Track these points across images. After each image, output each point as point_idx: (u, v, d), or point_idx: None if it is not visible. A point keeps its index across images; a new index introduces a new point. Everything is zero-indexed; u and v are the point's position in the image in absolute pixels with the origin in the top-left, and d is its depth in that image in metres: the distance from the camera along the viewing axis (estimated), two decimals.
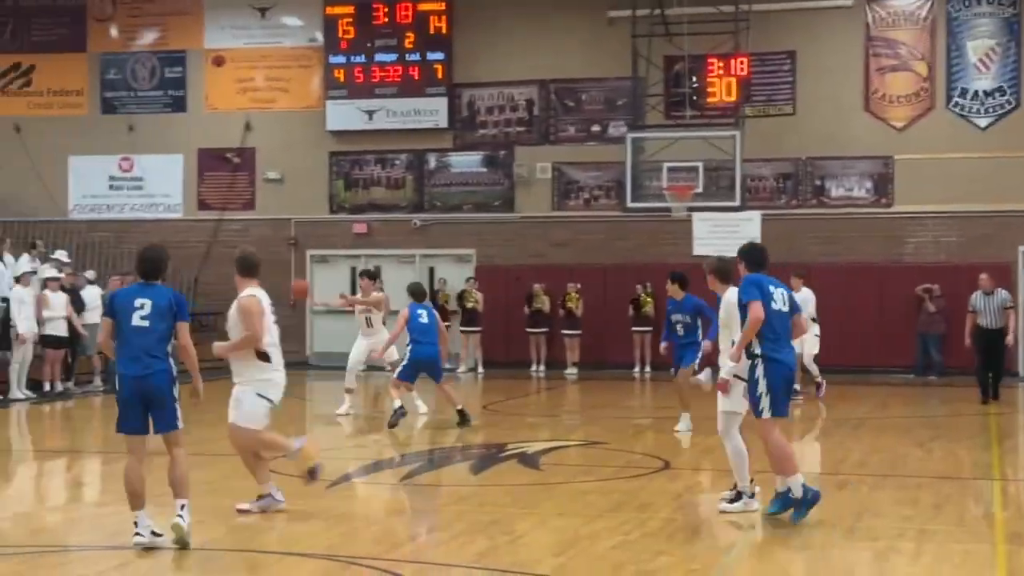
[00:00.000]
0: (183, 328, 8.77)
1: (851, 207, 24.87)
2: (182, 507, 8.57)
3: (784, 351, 9.36)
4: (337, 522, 9.61)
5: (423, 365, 15.98)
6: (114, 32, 27.80)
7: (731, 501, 9.81)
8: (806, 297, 18.41)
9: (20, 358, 19.62)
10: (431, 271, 26.50)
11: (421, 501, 10.99)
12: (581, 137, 26.22)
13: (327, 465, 12.63)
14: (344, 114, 26.78)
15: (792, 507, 9.30)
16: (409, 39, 26.45)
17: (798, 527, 9.30)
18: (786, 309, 9.43)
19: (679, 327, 14.72)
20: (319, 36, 27.01)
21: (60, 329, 20.49)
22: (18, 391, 19.52)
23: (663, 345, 15.37)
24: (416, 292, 16.55)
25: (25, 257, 21.82)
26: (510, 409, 18.35)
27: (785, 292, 9.51)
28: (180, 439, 8.82)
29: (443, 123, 26.49)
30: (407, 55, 26.48)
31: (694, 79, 24.44)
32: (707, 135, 23.89)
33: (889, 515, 10.07)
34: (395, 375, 16.19)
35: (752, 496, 9.80)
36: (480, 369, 24.96)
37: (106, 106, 27.97)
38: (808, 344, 18.49)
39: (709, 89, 24.04)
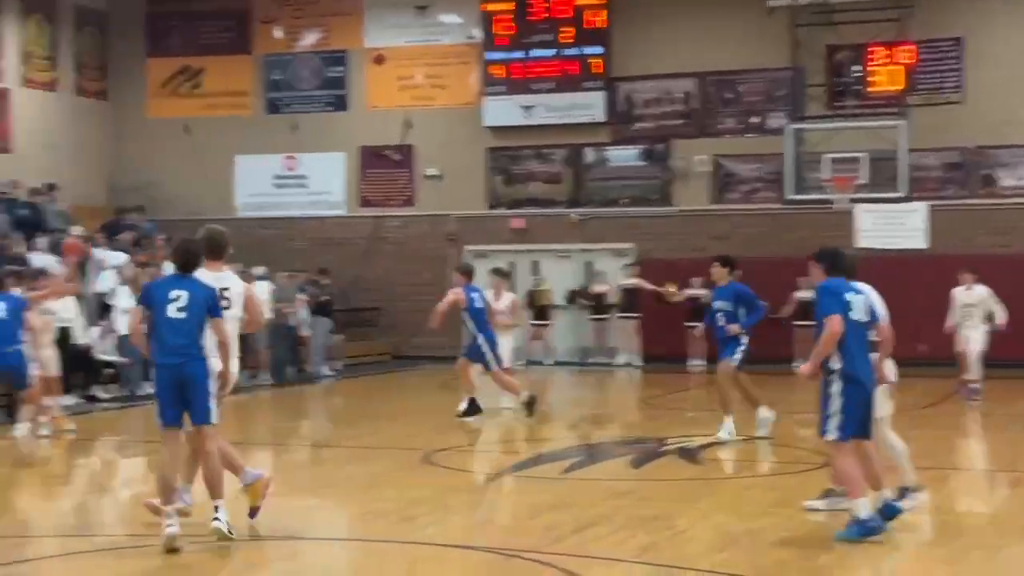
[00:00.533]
0: (218, 324, 8.57)
1: (1023, 197, 24.08)
2: (217, 508, 8.41)
3: (861, 367, 8.59)
4: (499, 516, 9.68)
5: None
6: (278, 34, 28.42)
7: (820, 497, 9.55)
8: (981, 295, 17.80)
9: None
10: (588, 265, 26.50)
11: (582, 495, 10.99)
12: (740, 129, 25.91)
13: (489, 458, 12.75)
14: (502, 110, 26.92)
15: (866, 531, 8.53)
16: (566, 34, 26.45)
17: (967, 527, 9.05)
18: (866, 319, 8.72)
19: (720, 316, 14.26)
20: (477, 33, 27.20)
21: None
22: None
23: (699, 328, 15.17)
24: (468, 272, 16.54)
25: None
26: (669, 403, 18.26)
27: (866, 300, 8.82)
28: (214, 435, 8.60)
29: (600, 117, 26.44)
30: (564, 50, 26.49)
31: (856, 68, 23.97)
32: (870, 125, 23.39)
33: None
34: (493, 365, 16.09)
35: (917, 491, 9.52)
36: (638, 362, 24.89)
37: (271, 106, 28.61)
38: (974, 341, 17.88)
39: (872, 78, 23.57)
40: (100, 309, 19.86)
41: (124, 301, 19.00)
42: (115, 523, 10.13)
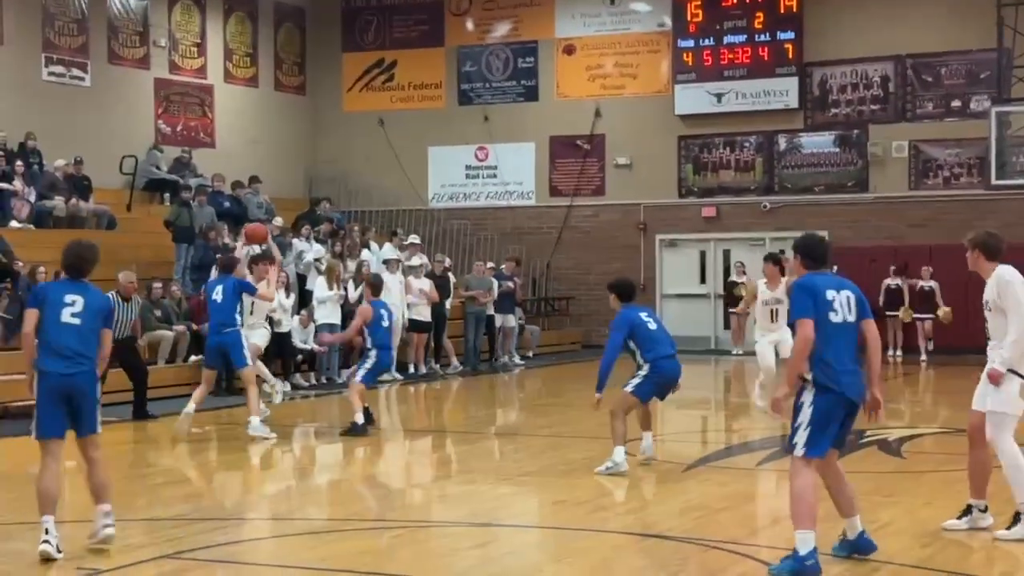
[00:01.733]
0: (107, 335, 8.14)
1: None
2: (107, 514, 7.97)
3: (843, 375, 7.28)
4: (694, 506, 9.62)
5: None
6: (470, 26, 28.75)
7: (1009, 527, 8.25)
8: None
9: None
10: (781, 253, 26.03)
11: (777, 487, 10.84)
12: (940, 113, 25.17)
13: (685, 450, 12.69)
14: (693, 98, 26.70)
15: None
16: (759, 19, 26.09)
17: None
18: (852, 318, 7.40)
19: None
20: (668, 20, 27.03)
21: (424, 314, 21.37)
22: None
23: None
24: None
25: (388, 246, 22.90)
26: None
27: (851, 295, 7.46)
28: (99, 443, 8.13)
29: (793, 103, 26.01)
30: (756, 36, 26.13)
31: None
32: None
33: None
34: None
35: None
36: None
37: (463, 98, 28.96)
38: None
39: None
40: (299, 299, 20.39)
41: (319, 291, 19.50)
42: (316, 508, 10.41)
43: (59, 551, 7.69)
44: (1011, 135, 23.11)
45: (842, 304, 7.38)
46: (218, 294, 13.96)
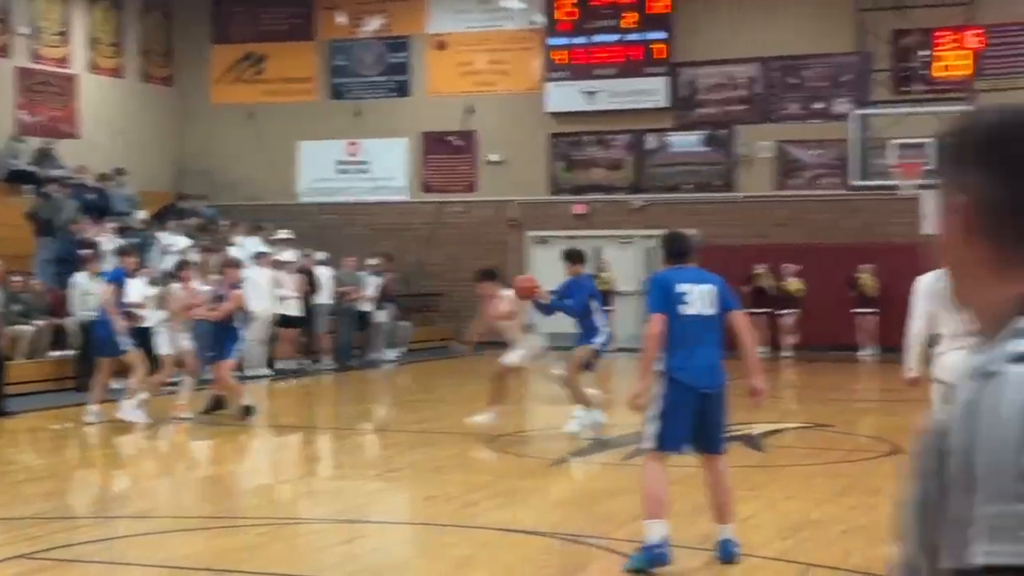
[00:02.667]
0: None
1: None
2: None
3: (691, 366, 7.35)
4: (562, 501, 9.71)
5: None
6: (341, 20, 28.56)
7: None
8: None
9: (253, 336, 20.35)
10: (649, 252, 26.42)
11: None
12: (804, 115, 25.72)
13: (552, 443, 12.78)
14: (564, 96, 26.88)
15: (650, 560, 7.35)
16: (629, 19, 26.36)
17: None
18: (709, 311, 7.47)
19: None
20: (540, 18, 27.17)
21: (294, 309, 21.20)
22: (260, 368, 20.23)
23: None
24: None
25: (256, 239, 22.67)
26: (733, 390, 18.16)
27: (713, 288, 7.55)
28: None
29: (663, 103, 26.35)
30: (627, 35, 26.41)
31: (923, 53, 23.69)
32: (937, 111, 23.06)
33: None
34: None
35: None
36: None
37: (334, 92, 28.75)
38: None
39: (938, 63, 23.28)
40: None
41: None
42: (182, 504, 10.27)
43: None
44: (871, 137, 23.71)
45: (697, 297, 7.43)
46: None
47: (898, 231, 23.96)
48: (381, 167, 28.42)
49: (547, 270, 27.39)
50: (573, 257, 13.68)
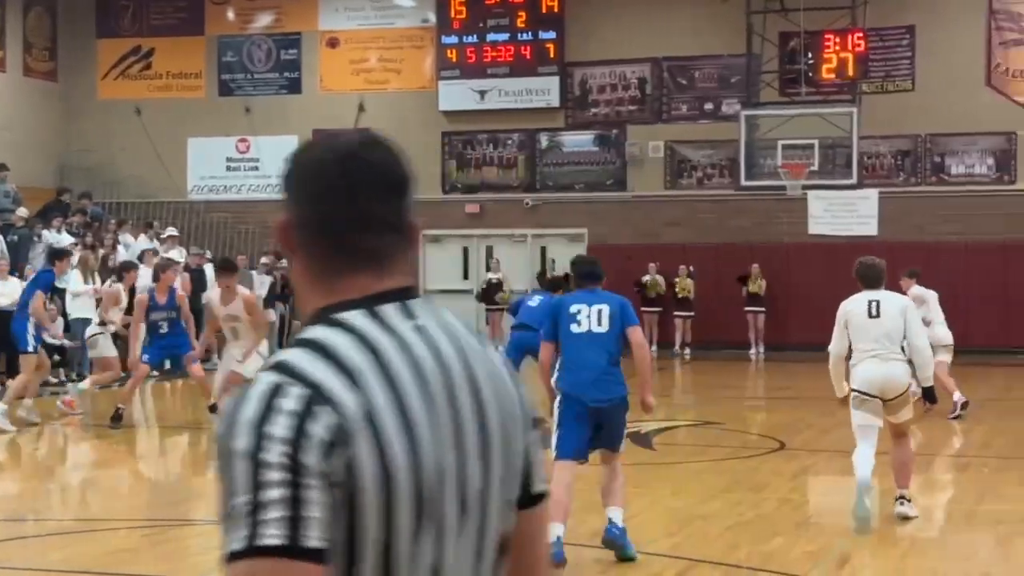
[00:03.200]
0: None
1: (972, 184, 24.31)
2: None
3: (581, 382, 7.67)
4: None
5: None
6: (231, 15, 28.20)
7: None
8: (921, 296, 14.50)
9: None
10: (543, 251, 26.52)
11: None
12: (694, 115, 25.99)
13: None
14: (456, 94, 26.86)
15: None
16: (521, 18, 26.42)
17: (917, 505, 9.14)
18: (600, 329, 7.75)
19: None
20: (432, 17, 27.10)
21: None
22: None
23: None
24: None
25: (143, 237, 22.29)
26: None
27: (607, 307, 7.79)
28: None
29: (555, 102, 26.44)
30: (519, 34, 26.46)
31: (810, 55, 24.07)
32: (823, 112, 23.50)
33: (1013, 498, 9.85)
34: None
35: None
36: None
37: (223, 88, 28.39)
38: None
39: (825, 65, 23.65)
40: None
41: (73, 285, 18.81)
42: (64, 507, 10.04)
43: None
44: (760, 138, 24.03)
45: (589, 316, 7.73)
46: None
47: (786, 230, 24.34)
48: (272, 165, 28.09)
49: (440, 269, 27.42)
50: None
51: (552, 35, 26.28)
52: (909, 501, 8.79)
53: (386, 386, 1.69)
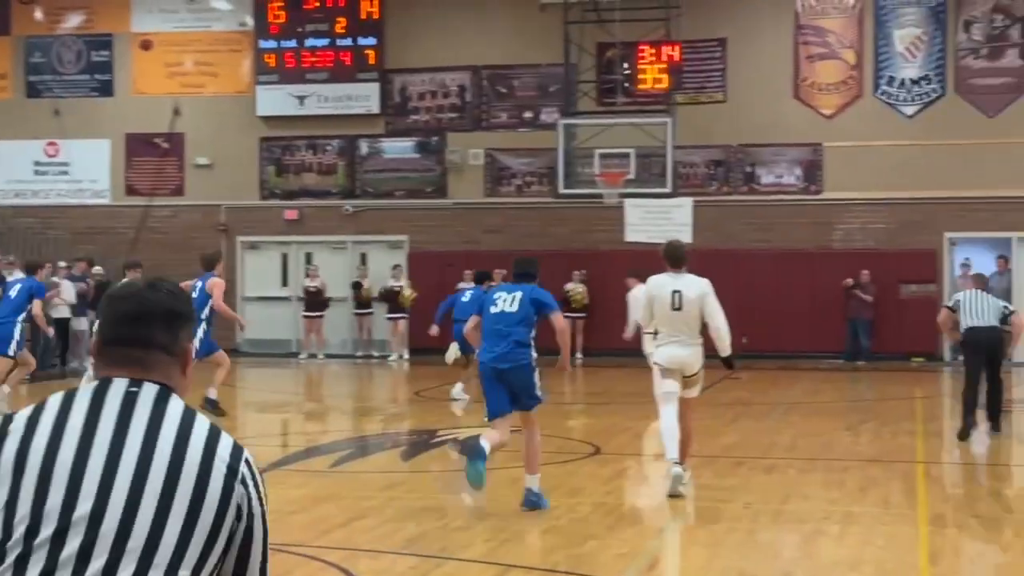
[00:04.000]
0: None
1: (781, 194, 25.07)
2: None
3: (486, 351, 9.51)
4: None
5: None
6: (39, 15, 27.34)
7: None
8: (638, 297, 13.97)
9: None
10: (363, 257, 26.39)
11: (351, 488, 10.93)
12: (513, 123, 26.20)
13: (260, 453, 12.52)
14: (275, 99, 26.55)
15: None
16: (340, 24, 26.27)
17: (725, 511, 9.37)
18: (511, 309, 9.52)
19: None
20: (249, 20, 26.74)
21: None
22: None
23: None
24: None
25: None
26: (442, 395, 18.31)
27: (520, 294, 9.57)
28: None
29: (375, 109, 26.35)
30: (338, 40, 26.30)
31: (626, 66, 24.48)
32: (639, 122, 23.93)
33: (816, 498, 10.18)
34: None
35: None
36: (406, 356, 24.88)
37: (31, 90, 27.52)
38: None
39: (640, 76, 24.07)
40: None
41: None
42: None
43: None
44: (577, 147, 24.33)
45: (504, 300, 9.58)
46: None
47: (603, 238, 24.69)
48: (82, 169, 27.37)
49: (258, 275, 27.04)
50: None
51: (372, 41, 26.20)
52: (685, 471, 10.00)
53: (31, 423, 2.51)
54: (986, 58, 24.48)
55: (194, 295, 16.06)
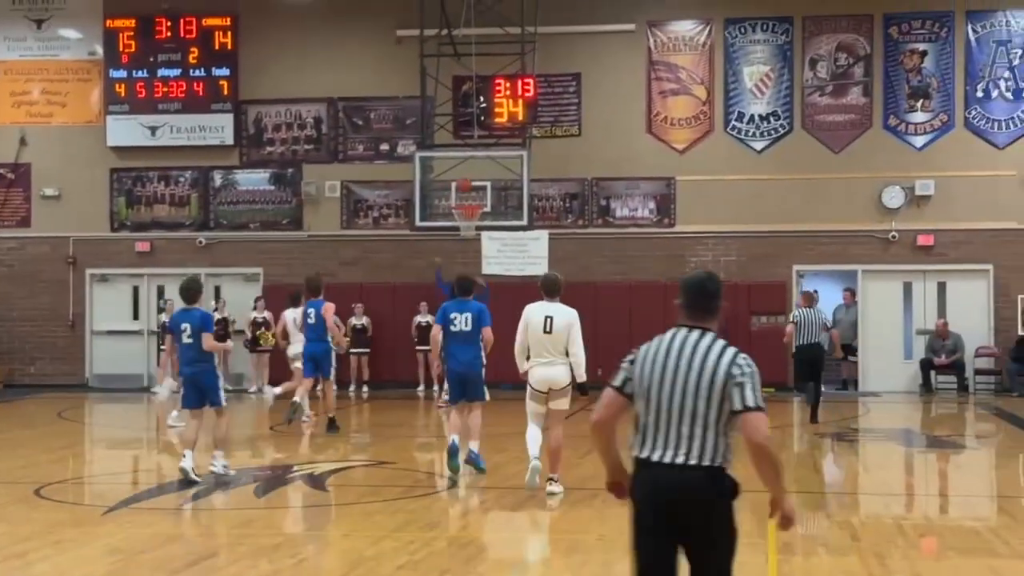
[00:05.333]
0: None
1: (635, 227, 25.43)
2: None
3: (451, 359, 12.64)
4: (112, 550, 9.31)
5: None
6: None
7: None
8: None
9: None
10: (217, 290, 26.01)
11: (203, 526, 10.73)
12: (370, 155, 26.14)
13: (109, 491, 12.27)
14: (126, 130, 26.09)
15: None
16: (193, 54, 25.95)
17: (580, 543, 9.42)
18: (467, 328, 12.47)
19: None
20: (99, 49, 26.25)
21: None
22: None
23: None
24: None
25: None
26: (297, 429, 18.09)
27: (471, 314, 12.53)
28: None
29: (229, 140, 26.06)
30: (191, 70, 25.98)
31: (482, 99, 24.59)
32: (495, 155, 24.02)
33: None
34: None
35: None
36: (266, 389, 24.54)
37: None
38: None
39: (496, 109, 24.19)
40: None
41: None
42: None
43: None
44: (434, 179, 24.33)
45: (459, 321, 12.49)
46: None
47: (460, 270, 24.65)
48: None
49: (108, 309, 26.43)
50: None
51: (226, 72, 25.94)
52: (557, 482, 11.45)
53: None
54: (831, 95, 25.23)
55: (310, 321, 16.87)
